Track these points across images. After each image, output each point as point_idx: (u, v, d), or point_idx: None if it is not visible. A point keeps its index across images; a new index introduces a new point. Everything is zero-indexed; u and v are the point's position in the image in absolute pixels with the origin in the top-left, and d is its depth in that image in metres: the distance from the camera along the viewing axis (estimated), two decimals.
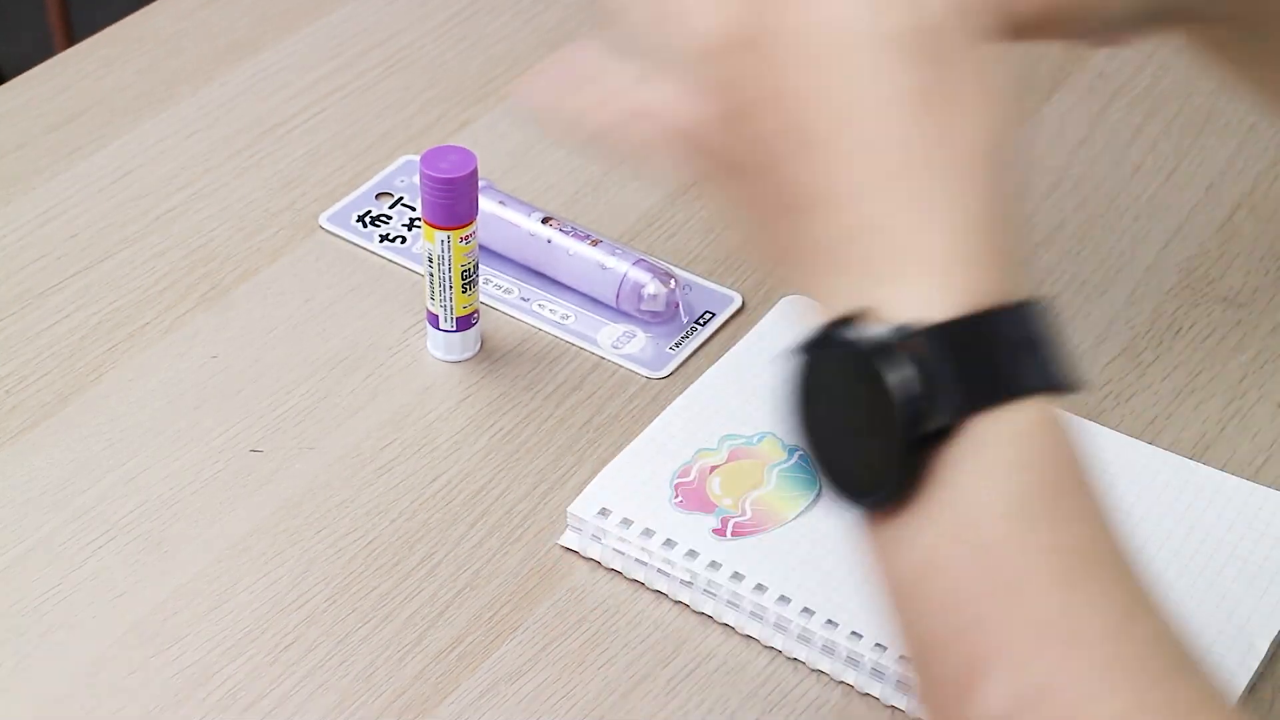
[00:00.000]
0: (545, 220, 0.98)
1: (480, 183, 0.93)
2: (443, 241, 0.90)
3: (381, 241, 1.01)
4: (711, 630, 0.82)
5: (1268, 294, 0.99)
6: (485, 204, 0.97)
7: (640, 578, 0.83)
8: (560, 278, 0.98)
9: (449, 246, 0.91)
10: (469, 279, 0.92)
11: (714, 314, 0.97)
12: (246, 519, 0.86)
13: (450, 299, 0.92)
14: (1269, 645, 0.80)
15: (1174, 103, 1.13)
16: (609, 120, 0.64)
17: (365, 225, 1.02)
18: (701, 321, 0.97)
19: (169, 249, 1.00)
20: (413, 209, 1.02)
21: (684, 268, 1.00)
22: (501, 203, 0.99)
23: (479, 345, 0.95)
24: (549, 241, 0.97)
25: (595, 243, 0.97)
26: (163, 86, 1.12)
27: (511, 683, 0.79)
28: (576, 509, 0.85)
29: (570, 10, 1.19)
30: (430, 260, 0.91)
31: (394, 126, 1.09)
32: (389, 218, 1.02)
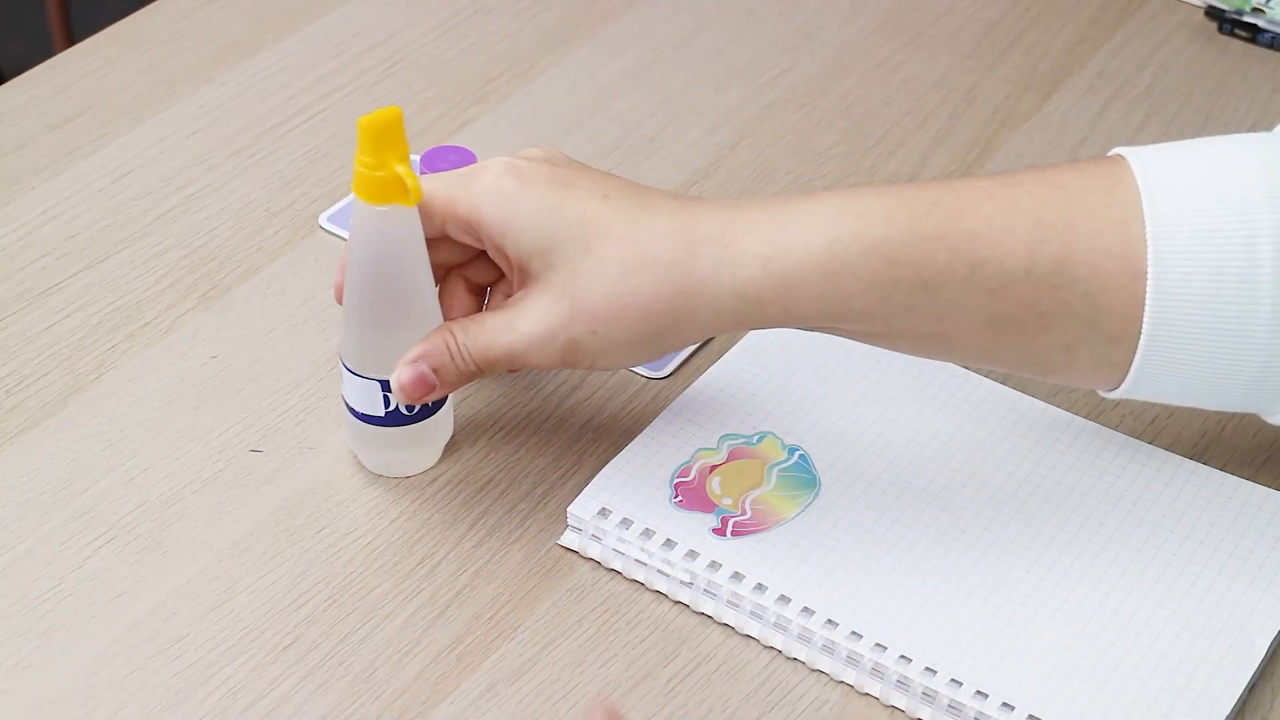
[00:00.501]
0: None
1: None
2: None
3: None
4: (711, 630, 0.82)
5: None
6: None
7: (640, 578, 0.83)
8: None
9: None
10: None
11: None
12: (246, 519, 0.86)
13: None
14: (1269, 645, 0.80)
15: (1174, 103, 1.13)
16: None
17: None
18: None
19: (169, 249, 1.00)
20: None
21: None
22: None
23: None
24: None
25: None
26: (163, 86, 1.12)
27: (511, 683, 0.79)
28: (576, 509, 0.85)
29: (570, 10, 1.19)
30: None
31: None
32: None
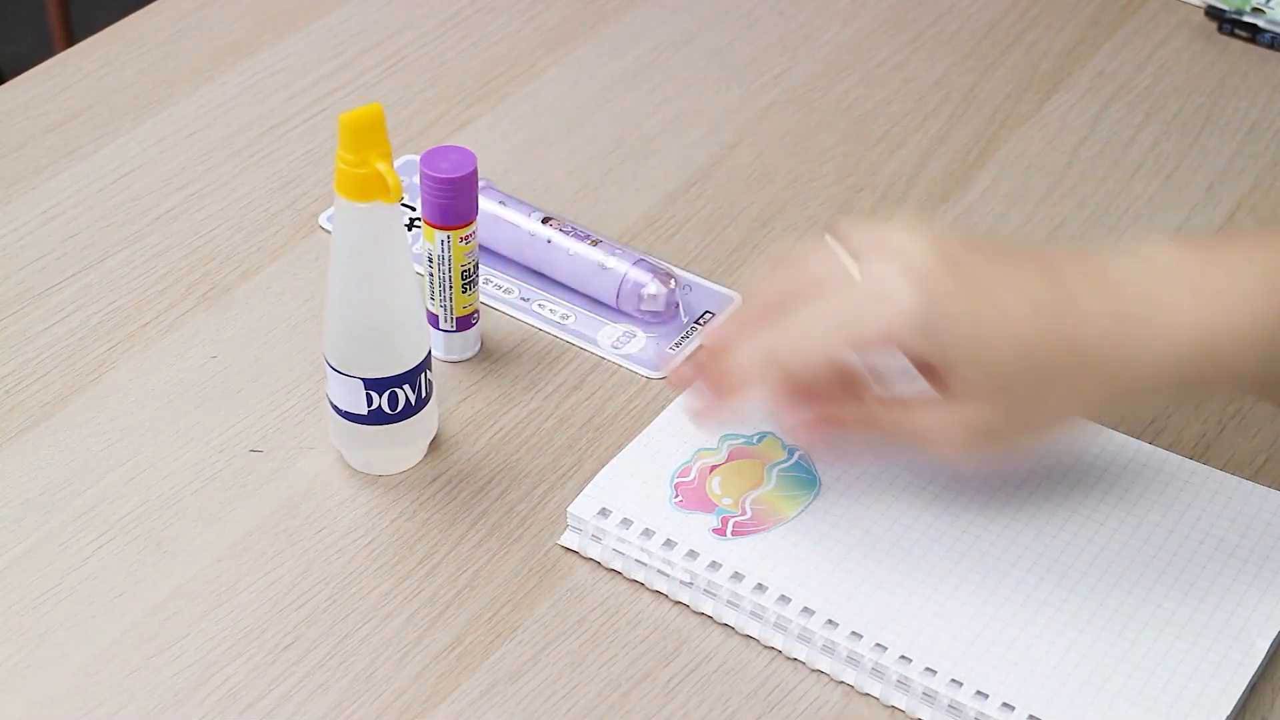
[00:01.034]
0: (545, 220, 0.98)
1: (480, 183, 0.93)
2: (443, 241, 0.90)
3: None
4: (711, 630, 0.82)
5: None
6: (485, 204, 0.97)
7: (640, 578, 0.83)
8: (560, 278, 0.98)
9: (449, 246, 0.91)
10: (469, 279, 0.92)
11: (714, 314, 0.97)
12: (246, 519, 0.86)
13: (450, 299, 0.92)
14: (1269, 645, 0.80)
15: (1174, 103, 1.13)
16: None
17: None
18: (701, 321, 0.97)
19: (169, 249, 1.00)
20: (413, 209, 1.02)
21: (684, 268, 1.00)
22: (501, 203, 0.99)
23: (479, 345, 0.95)
24: (549, 241, 0.97)
25: (595, 243, 0.97)
26: (163, 86, 1.12)
27: (511, 683, 0.79)
28: (576, 509, 0.85)
29: (570, 10, 1.19)
30: (430, 260, 0.91)
31: (394, 126, 1.08)
32: None
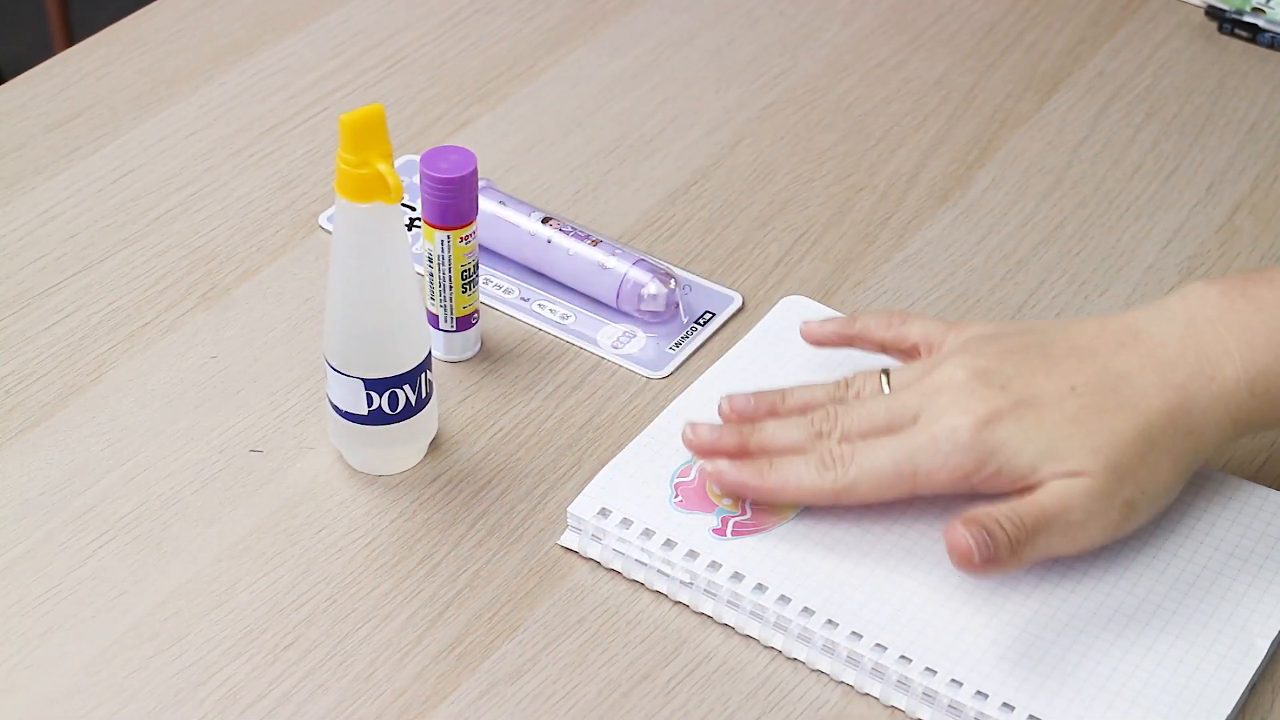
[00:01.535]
0: (545, 220, 0.98)
1: (480, 183, 0.93)
2: (443, 241, 0.90)
3: None
4: (711, 630, 0.82)
5: None
6: (485, 204, 0.97)
7: (640, 578, 0.83)
8: (560, 278, 0.98)
9: (449, 246, 0.91)
10: (469, 279, 0.92)
11: (714, 314, 0.97)
12: (246, 519, 0.86)
13: (450, 299, 0.92)
14: (1269, 645, 0.80)
15: (1174, 103, 1.13)
16: None
17: None
18: (701, 321, 0.97)
19: (169, 249, 1.00)
20: (413, 209, 1.02)
21: (684, 268, 1.00)
22: (501, 203, 0.99)
23: (479, 345, 0.95)
24: (549, 241, 0.97)
25: (595, 243, 0.97)
26: (163, 86, 1.12)
27: (511, 683, 0.79)
28: (576, 509, 0.85)
29: (570, 10, 1.19)
30: (430, 260, 0.91)
31: (394, 126, 1.09)
32: None
